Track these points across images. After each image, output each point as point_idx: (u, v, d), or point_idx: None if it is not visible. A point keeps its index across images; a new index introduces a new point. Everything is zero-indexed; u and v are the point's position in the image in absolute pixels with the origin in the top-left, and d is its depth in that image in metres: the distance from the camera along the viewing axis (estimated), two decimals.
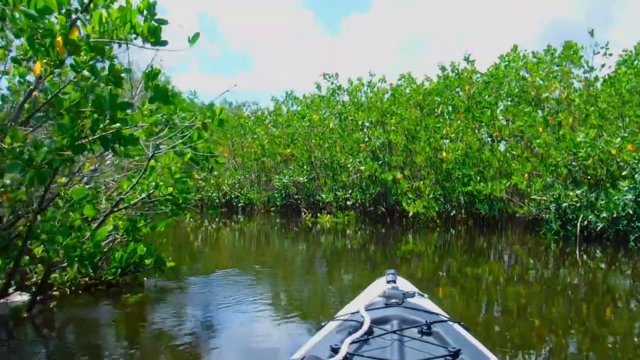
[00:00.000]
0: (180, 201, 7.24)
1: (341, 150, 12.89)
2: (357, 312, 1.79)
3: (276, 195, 14.94)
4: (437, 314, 1.87)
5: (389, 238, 10.56)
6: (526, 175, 8.92)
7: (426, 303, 2.06)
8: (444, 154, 10.90)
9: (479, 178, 10.79)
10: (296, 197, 14.73)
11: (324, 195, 12.74)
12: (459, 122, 11.10)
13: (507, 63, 11.69)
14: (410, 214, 10.78)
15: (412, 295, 2.06)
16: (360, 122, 12.43)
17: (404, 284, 2.38)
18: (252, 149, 15.59)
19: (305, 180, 13.94)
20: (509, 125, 10.63)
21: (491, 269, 7.05)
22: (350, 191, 12.53)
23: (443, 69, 12.78)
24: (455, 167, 11.05)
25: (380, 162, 11.73)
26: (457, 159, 11.01)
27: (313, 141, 13.84)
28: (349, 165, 11.87)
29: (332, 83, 13.11)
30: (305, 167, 14.15)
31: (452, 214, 11.45)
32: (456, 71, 12.17)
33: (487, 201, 10.65)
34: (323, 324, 1.92)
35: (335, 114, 13.06)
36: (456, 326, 1.76)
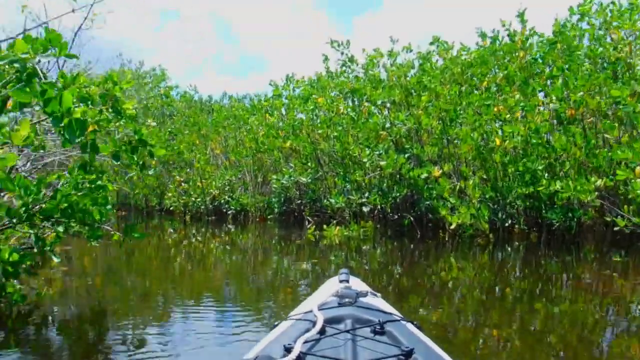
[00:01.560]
0: (97, 217, 4.40)
1: (354, 141, 9.89)
2: (310, 311, 1.76)
3: (274, 199, 11.99)
4: (390, 313, 1.84)
5: (420, 258, 7.69)
6: (638, 169, 5.84)
7: (379, 302, 2.00)
8: (497, 141, 7.84)
9: (546, 174, 7.75)
10: (298, 202, 11.76)
11: (332, 200, 9.76)
12: (517, 96, 8.04)
13: (579, 17, 8.59)
14: (453, 226, 7.73)
15: (365, 294, 1.99)
16: (379, 103, 9.40)
17: (357, 284, 2.30)
18: (246, 144, 12.65)
19: (310, 180, 10.97)
20: (588, 98, 7.54)
21: (575, 310, 4.43)
22: (366, 194, 9.53)
23: (483, 35, 9.71)
24: (512, 159, 8.00)
25: (407, 155, 8.70)
26: (515, 148, 7.97)
27: (319, 131, 10.85)
28: (364, 160, 8.86)
29: (343, 54, 10.09)
30: (309, 163, 11.18)
31: (506, 224, 8.39)
32: (508, 32, 9.09)
33: (561, 207, 7.58)
34: (276, 323, 1.89)
35: (347, 94, 10.06)
36: (409, 326, 1.74)
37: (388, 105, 9.29)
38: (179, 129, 14.85)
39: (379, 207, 9.74)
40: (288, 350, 1.40)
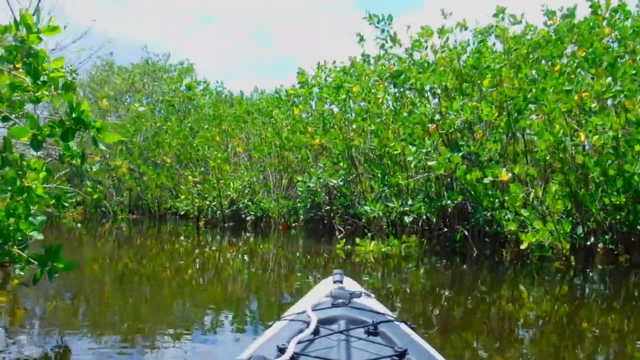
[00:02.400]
0: (13, 236, 3.03)
1: (395, 137, 8.28)
2: (304, 312, 1.76)
3: (299, 205, 10.45)
4: (383, 314, 1.85)
5: (476, 282, 6.15)
6: None
7: (373, 303, 2.01)
8: (582, 136, 6.13)
9: None
10: (328, 208, 10.19)
11: (367, 207, 8.18)
12: (607, 81, 6.32)
13: None
14: (524, 245, 6.03)
15: (359, 295, 1.96)
16: (426, 89, 7.76)
17: (351, 284, 2.29)
18: (269, 139, 11.16)
19: (341, 183, 9.41)
20: None
21: None
22: (409, 201, 7.91)
23: (551, 13, 7.98)
24: (599, 160, 6.27)
25: (462, 153, 7.04)
26: (603, 146, 6.25)
27: (353, 125, 9.29)
28: (410, 159, 7.21)
29: (384, 31, 8.45)
30: (341, 163, 9.60)
31: (588, 243, 6.65)
32: (591, 3, 7.35)
33: None
34: (270, 324, 1.90)
35: (387, 80, 8.43)
36: (403, 326, 1.75)
37: (439, 91, 7.63)
38: (199, 123, 13.48)
39: (423, 216, 8.11)
40: (281, 350, 1.39)
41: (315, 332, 1.56)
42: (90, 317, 4.14)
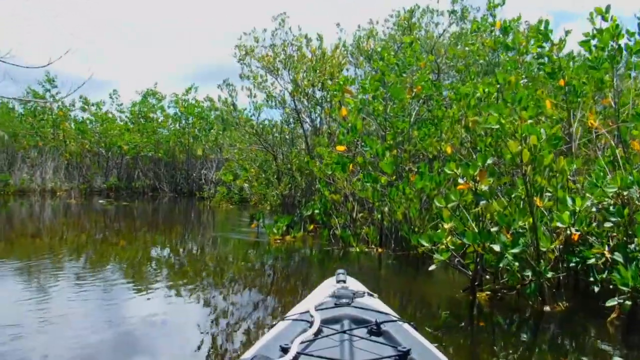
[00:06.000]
0: None
1: None
2: (307, 311, 1.77)
3: None
4: (387, 313, 1.84)
5: None
6: None
7: (376, 303, 2.01)
8: None
9: None
10: None
11: None
12: None
13: None
14: None
15: (362, 295, 2.00)
16: None
17: (354, 284, 2.29)
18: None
19: None
20: None
21: None
22: None
23: None
24: None
25: None
26: None
27: None
28: None
29: None
30: None
31: None
32: None
33: None
34: (273, 323, 1.88)
35: None
36: (406, 326, 1.74)
37: None
38: (512, 81, 7.05)
39: None
40: (285, 350, 1.39)
41: (318, 332, 1.55)
42: None
